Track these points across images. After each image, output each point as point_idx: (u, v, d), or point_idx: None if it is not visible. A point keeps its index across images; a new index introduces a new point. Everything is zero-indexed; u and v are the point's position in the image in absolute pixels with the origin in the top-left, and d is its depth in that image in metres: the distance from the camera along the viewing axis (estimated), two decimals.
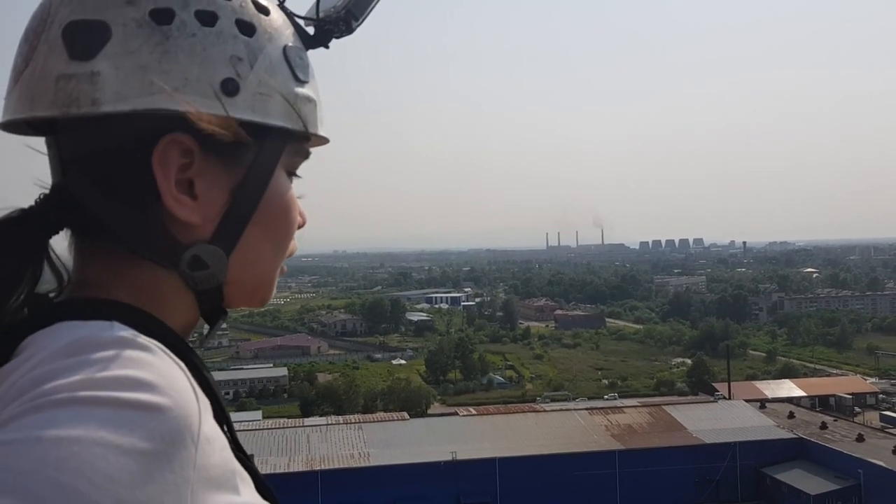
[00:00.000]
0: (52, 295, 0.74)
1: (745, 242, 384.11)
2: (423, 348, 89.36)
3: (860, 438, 34.50)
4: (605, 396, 63.03)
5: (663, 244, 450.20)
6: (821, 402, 54.81)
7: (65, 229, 0.76)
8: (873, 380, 69.63)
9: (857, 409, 53.43)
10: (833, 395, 57.01)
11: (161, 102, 0.69)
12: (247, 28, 0.76)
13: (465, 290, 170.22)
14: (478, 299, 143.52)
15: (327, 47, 0.87)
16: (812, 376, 68.94)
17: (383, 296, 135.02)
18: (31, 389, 0.56)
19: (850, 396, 56.09)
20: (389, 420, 38.64)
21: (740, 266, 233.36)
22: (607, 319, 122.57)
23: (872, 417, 48.80)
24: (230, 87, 0.73)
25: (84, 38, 0.70)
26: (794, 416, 39.27)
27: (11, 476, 0.49)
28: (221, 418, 0.66)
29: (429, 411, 54.12)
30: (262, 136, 0.76)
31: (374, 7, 0.90)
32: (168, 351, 0.64)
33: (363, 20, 0.89)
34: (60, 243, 0.75)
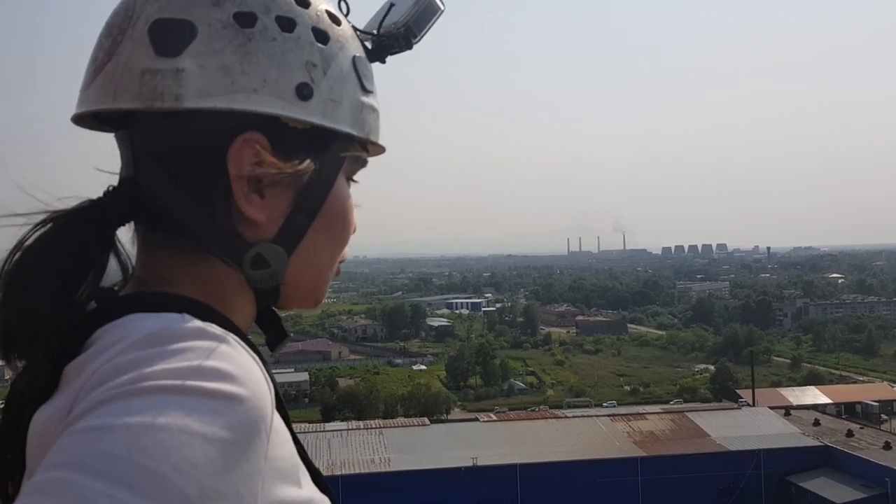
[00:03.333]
0: (115, 288, 0.75)
1: (769, 248, 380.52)
2: (444, 354, 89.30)
3: (887, 446, 33.92)
4: (605, 404, 62.02)
5: (686, 249, 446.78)
6: (847, 410, 54.05)
7: (130, 223, 0.77)
8: None
9: (883, 416, 52.64)
10: (859, 403, 56.20)
11: (241, 102, 0.72)
12: (322, 36, 0.78)
13: (486, 295, 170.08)
14: (498, 305, 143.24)
15: (384, 62, 0.90)
16: (838, 383, 67.97)
17: (404, 301, 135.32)
18: (115, 377, 0.57)
19: (877, 404, 55.24)
20: (410, 425, 38.59)
21: (764, 272, 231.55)
22: (629, 325, 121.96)
23: None
24: (305, 92, 0.75)
25: (170, 36, 0.71)
26: (820, 424, 38.71)
27: (101, 460, 0.50)
28: (281, 411, 0.68)
29: (449, 417, 54.08)
30: (328, 141, 0.79)
31: (433, 24, 0.92)
32: (243, 342, 0.65)
33: (422, 37, 0.92)
34: (123, 236, 0.77)
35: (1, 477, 0.71)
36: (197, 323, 0.65)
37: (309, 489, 0.69)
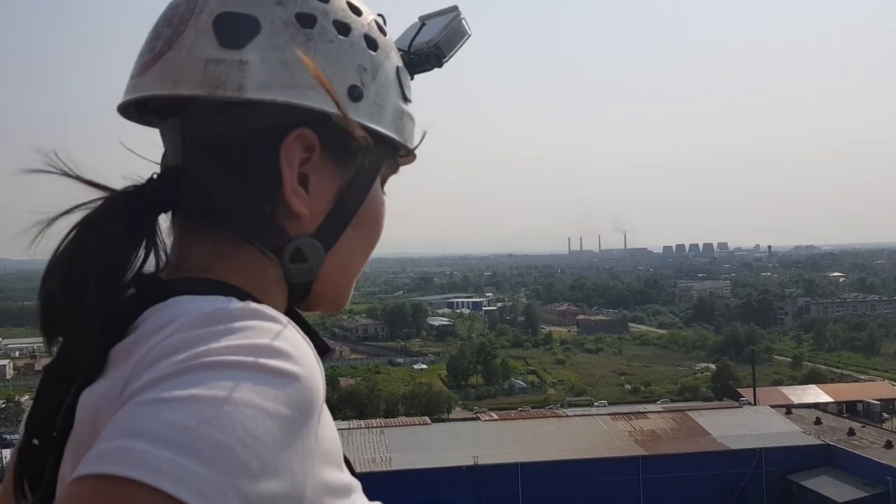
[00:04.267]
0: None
1: (770, 246, 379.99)
2: (445, 353, 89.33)
3: (888, 445, 33.92)
4: (596, 403, 61.92)
5: (687, 248, 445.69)
6: (848, 408, 54.05)
7: (170, 211, 0.79)
8: None
9: (885, 415, 52.64)
10: (861, 401, 56.21)
11: (298, 97, 0.75)
12: (372, 43, 0.82)
13: (487, 294, 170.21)
14: (499, 304, 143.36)
15: (412, 78, 0.92)
16: (839, 382, 67.93)
17: (405, 300, 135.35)
18: (176, 353, 0.58)
19: (879, 402, 55.23)
20: (411, 424, 38.63)
21: (765, 270, 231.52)
22: (630, 324, 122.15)
23: None
24: (356, 93, 0.79)
25: (235, 29, 0.75)
26: (821, 422, 38.71)
27: (170, 430, 0.51)
28: None
29: (450, 416, 54.10)
30: (371, 143, 0.81)
31: (461, 47, 0.97)
32: (294, 324, 0.66)
33: (451, 56, 0.96)
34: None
35: (33, 459, 0.71)
36: (252, 304, 0.66)
37: (348, 474, 0.71)
